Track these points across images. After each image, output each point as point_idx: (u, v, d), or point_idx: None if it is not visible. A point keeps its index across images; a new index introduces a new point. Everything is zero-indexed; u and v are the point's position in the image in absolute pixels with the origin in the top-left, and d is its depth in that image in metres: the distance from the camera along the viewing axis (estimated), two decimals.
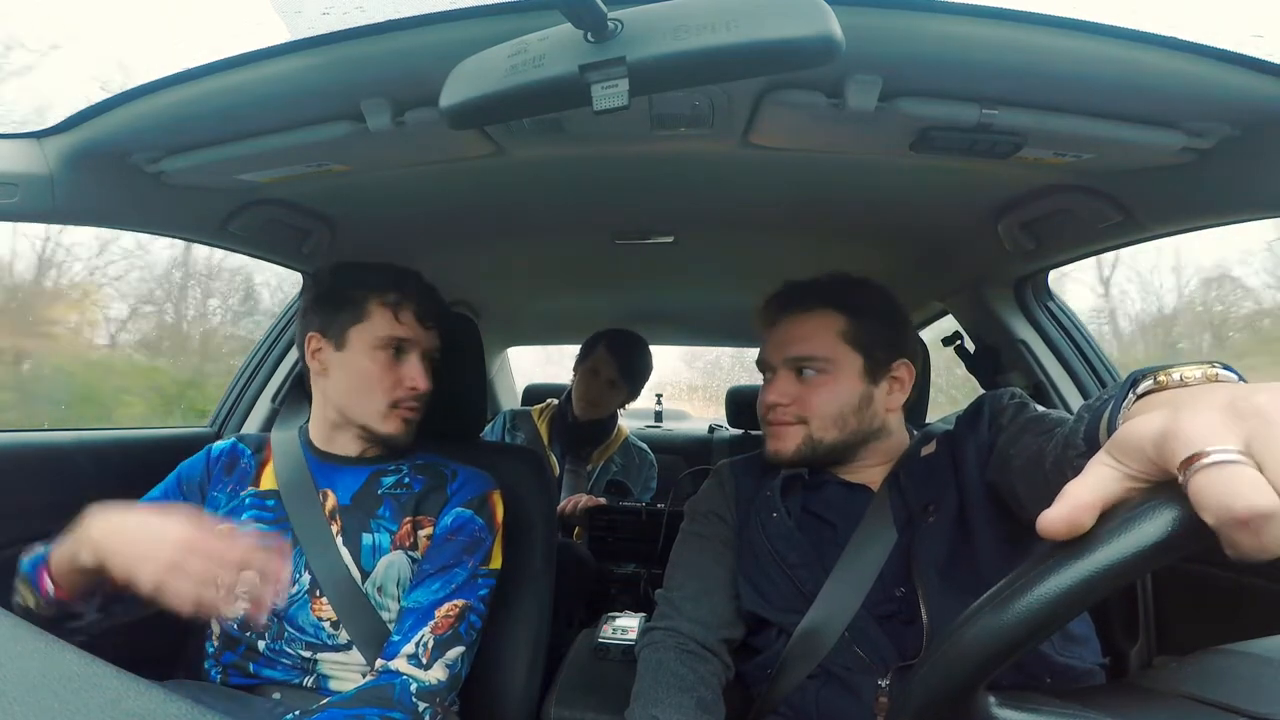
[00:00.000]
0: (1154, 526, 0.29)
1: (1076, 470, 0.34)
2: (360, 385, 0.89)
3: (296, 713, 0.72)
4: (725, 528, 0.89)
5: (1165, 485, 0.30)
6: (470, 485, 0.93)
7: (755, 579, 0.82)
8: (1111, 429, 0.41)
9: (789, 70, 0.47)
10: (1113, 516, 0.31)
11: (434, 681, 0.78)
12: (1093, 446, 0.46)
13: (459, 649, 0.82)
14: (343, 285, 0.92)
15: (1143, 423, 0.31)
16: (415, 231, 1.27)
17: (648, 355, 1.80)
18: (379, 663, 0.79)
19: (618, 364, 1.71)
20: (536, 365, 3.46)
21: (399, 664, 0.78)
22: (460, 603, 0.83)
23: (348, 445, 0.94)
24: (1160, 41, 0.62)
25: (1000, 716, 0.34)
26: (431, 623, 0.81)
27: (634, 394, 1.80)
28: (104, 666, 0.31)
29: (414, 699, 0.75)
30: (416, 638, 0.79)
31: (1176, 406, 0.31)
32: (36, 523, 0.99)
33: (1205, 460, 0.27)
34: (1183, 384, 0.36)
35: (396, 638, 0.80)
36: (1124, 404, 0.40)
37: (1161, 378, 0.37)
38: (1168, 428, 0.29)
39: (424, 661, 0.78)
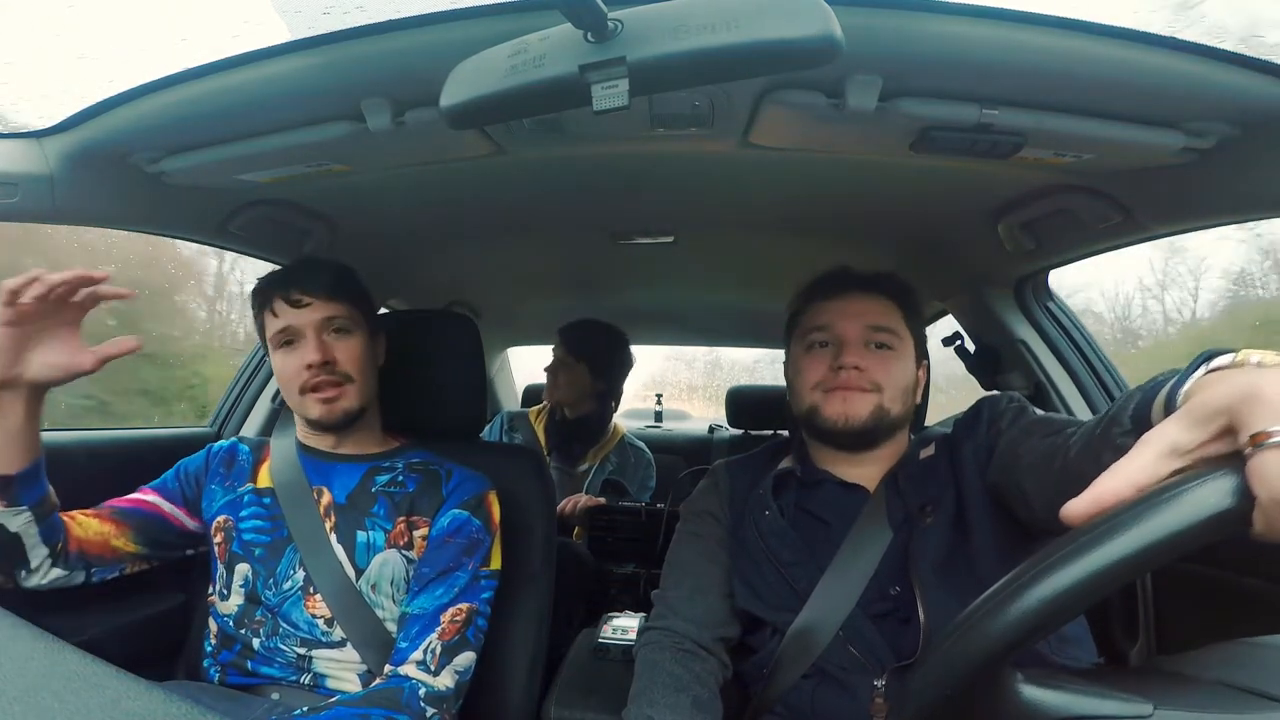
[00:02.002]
0: (1209, 499, 0.29)
1: (1117, 449, 0.33)
2: (283, 387, 0.90)
3: (304, 709, 0.73)
4: (719, 527, 0.89)
5: (1222, 459, 0.30)
6: (466, 485, 0.93)
7: (750, 578, 0.82)
8: (1171, 403, 0.40)
9: (789, 70, 0.47)
10: (1150, 496, 0.30)
11: (443, 688, 0.78)
12: (1140, 425, 0.45)
13: (469, 655, 0.82)
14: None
15: (1225, 385, 0.31)
16: (415, 231, 1.28)
17: (600, 333, 1.75)
18: (387, 668, 0.79)
19: (565, 345, 1.70)
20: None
21: (408, 669, 0.78)
22: (465, 606, 0.83)
23: (320, 440, 0.95)
24: (1160, 41, 0.62)
25: (1025, 694, 0.33)
26: (439, 628, 0.81)
27: (601, 375, 1.73)
28: (104, 666, 0.31)
29: (422, 703, 0.76)
30: (425, 644, 0.79)
31: (1265, 370, 0.30)
32: None
33: (1278, 437, 0.27)
34: (1260, 366, 0.35)
35: (404, 644, 0.80)
36: (1191, 377, 0.39)
37: (1239, 357, 0.37)
38: (1252, 389, 0.29)
39: (432, 668, 0.78)
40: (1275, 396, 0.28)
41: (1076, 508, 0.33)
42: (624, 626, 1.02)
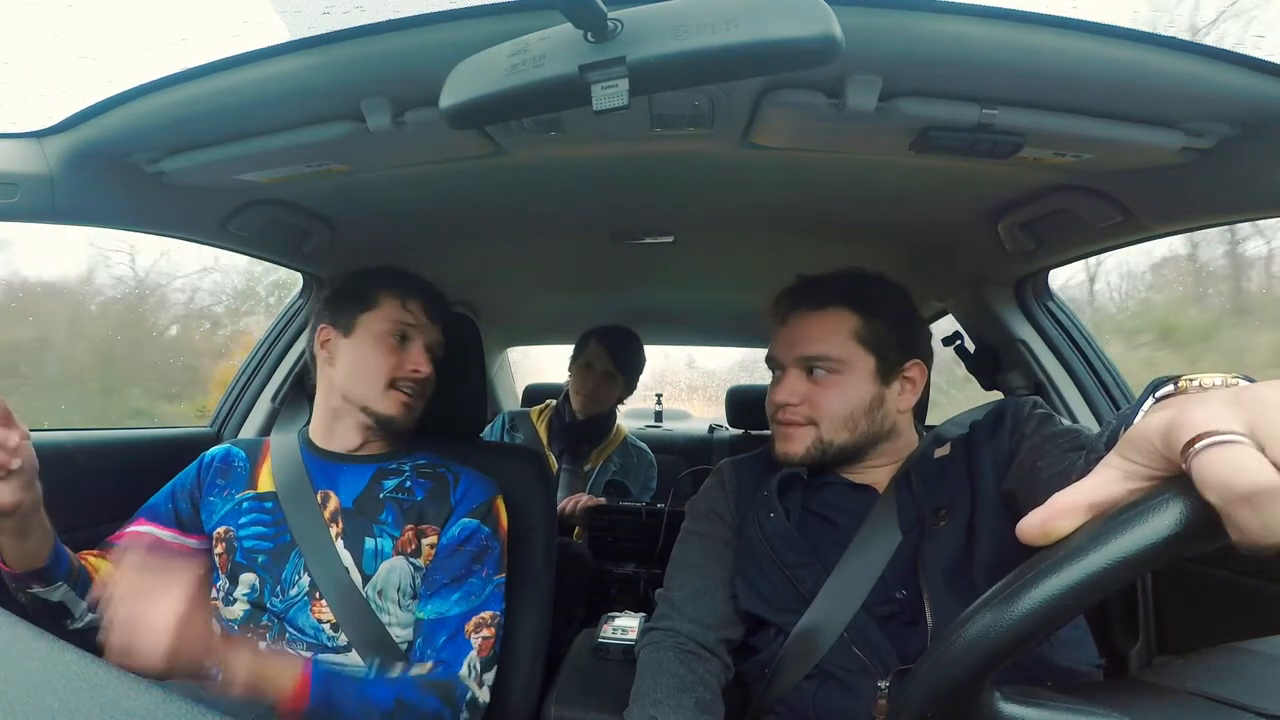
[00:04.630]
0: (1163, 519, 0.29)
1: None
2: (364, 366, 0.92)
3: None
4: (725, 527, 0.89)
5: (1171, 480, 0.30)
6: (473, 492, 0.93)
7: (753, 579, 0.82)
8: None
9: (789, 70, 0.47)
10: (1120, 512, 0.31)
11: (482, 701, 0.81)
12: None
13: (494, 671, 0.85)
14: (355, 281, 0.97)
15: (1152, 417, 0.32)
16: (415, 231, 1.27)
17: (639, 347, 1.82)
18: (429, 665, 0.81)
19: (611, 354, 1.72)
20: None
21: (461, 674, 0.80)
22: (488, 615, 0.85)
23: (348, 436, 0.94)
24: (1160, 41, 0.62)
25: (1006, 711, 0.34)
26: (476, 642, 0.83)
27: (630, 386, 1.80)
28: (104, 666, 0.31)
29: (464, 707, 0.78)
30: (468, 660, 0.81)
31: (1185, 402, 0.31)
32: None
33: (1206, 441, 0.28)
34: (1201, 389, 0.36)
35: (429, 651, 0.82)
36: (1142, 408, 0.40)
37: (1182, 383, 0.37)
38: (1174, 419, 0.30)
39: (477, 683, 0.81)
40: (1190, 419, 0.29)
41: (1029, 521, 0.34)
42: (624, 626, 1.02)
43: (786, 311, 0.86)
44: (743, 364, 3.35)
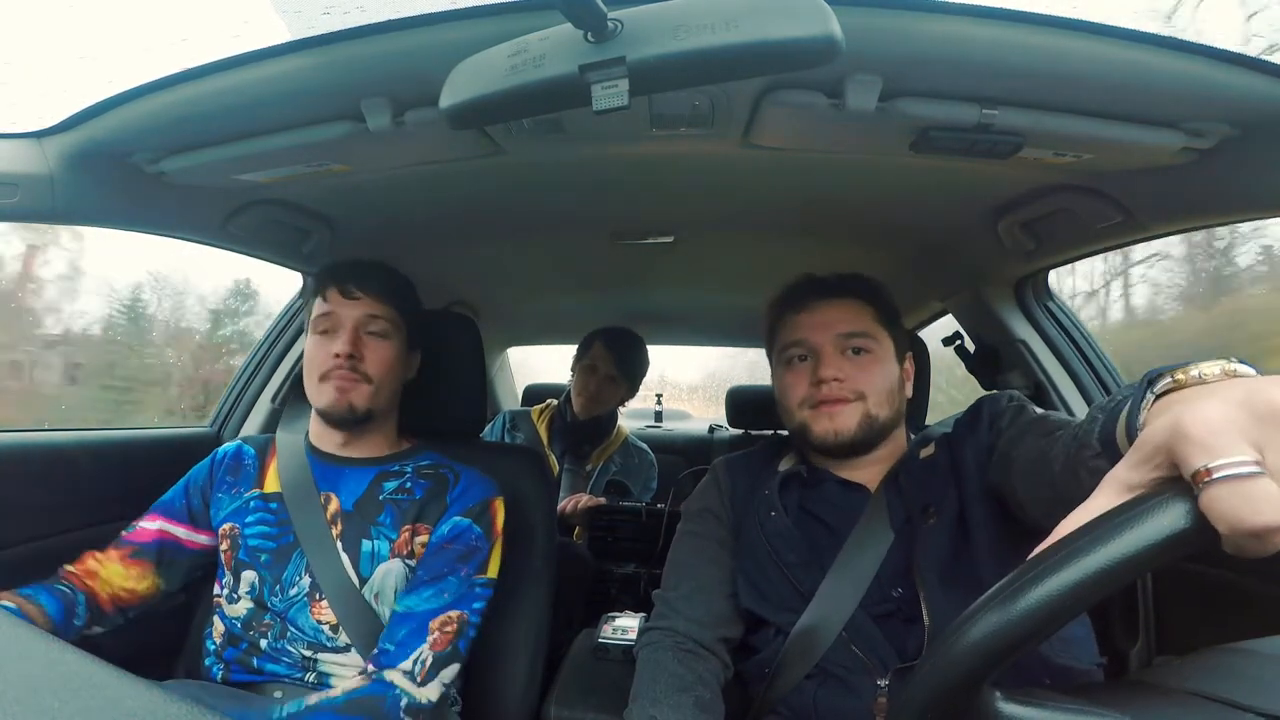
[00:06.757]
0: (1162, 523, 0.29)
1: (1092, 471, 0.33)
2: (305, 370, 0.92)
3: (287, 708, 0.72)
4: (721, 526, 0.89)
5: (1173, 481, 0.30)
6: (472, 491, 0.92)
7: (753, 578, 0.82)
8: (1130, 430, 0.40)
9: (789, 70, 0.47)
10: (1121, 511, 0.31)
11: (425, 700, 0.77)
12: (1108, 448, 0.45)
13: (456, 667, 0.82)
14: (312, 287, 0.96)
15: (1159, 424, 0.31)
16: (415, 232, 1.27)
17: (644, 350, 1.83)
18: (370, 668, 0.78)
19: (615, 358, 1.72)
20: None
21: (394, 676, 0.77)
22: (456, 614, 0.83)
23: (330, 439, 0.95)
24: (1160, 41, 0.62)
25: (1005, 711, 0.33)
26: (431, 637, 0.80)
27: (633, 390, 1.82)
28: (104, 666, 0.31)
29: (402, 714, 0.75)
30: (415, 654, 0.79)
31: (1188, 403, 0.31)
32: (38, 523, 0.99)
33: (1219, 474, 0.27)
34: (1201, 381, 0.35)
35: (390, 646, 0.79)
36: (1143, 404, 0.39)
37: (1180, 375, 0.36)
38: (1178, 428, 0.29)
39: (419, 679, 0.78)
40: (1199, 432, 0.28)
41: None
42: (624, 626, 1.02)
43: (805, 299, 0.87)
44: (709, 378, 3.32)
